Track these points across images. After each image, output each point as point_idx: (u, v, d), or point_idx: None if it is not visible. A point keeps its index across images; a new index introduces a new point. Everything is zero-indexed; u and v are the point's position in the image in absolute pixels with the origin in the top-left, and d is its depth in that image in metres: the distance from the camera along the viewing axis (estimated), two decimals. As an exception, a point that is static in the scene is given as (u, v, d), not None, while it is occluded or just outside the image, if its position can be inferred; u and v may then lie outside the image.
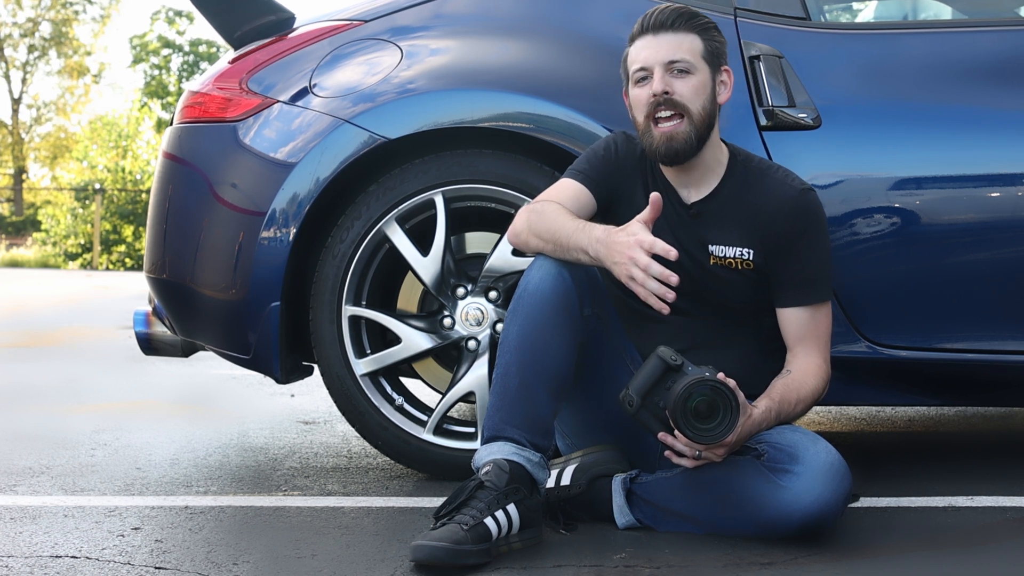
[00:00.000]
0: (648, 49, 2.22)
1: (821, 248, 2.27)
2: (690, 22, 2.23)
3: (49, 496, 2.50)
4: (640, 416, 2.08)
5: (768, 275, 2.26)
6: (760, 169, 2.29)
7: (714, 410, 2.00)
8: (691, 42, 2.22)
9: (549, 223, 2.17)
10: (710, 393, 2.00)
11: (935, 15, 3.23)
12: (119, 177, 21.97)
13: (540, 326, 2.13)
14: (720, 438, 2.01)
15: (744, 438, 2.09)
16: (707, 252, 2.26)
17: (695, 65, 2.22)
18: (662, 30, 2.22)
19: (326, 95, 2.67)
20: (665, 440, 2.10)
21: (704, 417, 2.01)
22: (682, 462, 2.11)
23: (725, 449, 2.08)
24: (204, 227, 2.70)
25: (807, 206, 2.25)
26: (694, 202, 2.28)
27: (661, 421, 2.08)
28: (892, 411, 3.87)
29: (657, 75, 2.20)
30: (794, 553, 2.02)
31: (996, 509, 2.40)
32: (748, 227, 2.25)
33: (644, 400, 2.07)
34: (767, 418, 2.12)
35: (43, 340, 6.45)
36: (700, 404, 2.00)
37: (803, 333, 2.25)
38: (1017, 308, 2.54)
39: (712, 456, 2.09)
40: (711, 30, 2.26)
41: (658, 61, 2.21)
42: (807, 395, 2.20)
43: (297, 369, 2.82)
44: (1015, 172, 2.53)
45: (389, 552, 2.05)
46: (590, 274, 2.20)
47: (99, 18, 35.94)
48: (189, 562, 1.98)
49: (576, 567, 1.96)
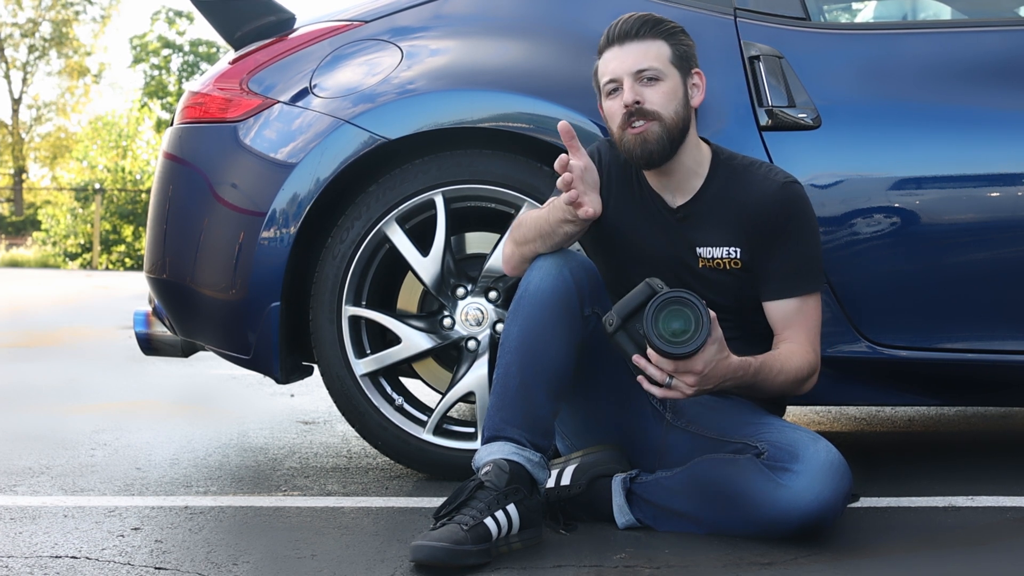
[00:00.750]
0: (616, 60, 2.22)
1: (807, 239, 2.25)
2: (655, 29, 2.22)
3: (49, 496, 2.50)
4: (617, 337, 2.07)
5: (755, 270, 2.25)
6: (743, 166, 2.28)
7: (687, 323, 1.99)
8: (658, 48, 2.22)
9: (529, 224, 2.22)
10: (679, 305, 1.99)
11: (935, 15, 3.23)
12: (119, 177, 21.98)
13: (541, 326, 2.13)
14: (692, 348, 1.98)
15: (718, 377, 2.05)
16: (695, 255, 2.26)
17: (664, 72, 2.21)
18: (627, 40, 2.21)
19: (326, 95, 2.67)
20: (639, 363, 2.05)
21: (677, 332, 1.99)
22: (652, 390, 2.06)
23: (695, 379, 2.02)
24: (204, 227, 2.71)
25: (790, 197, 2.23)
26: (679, 206, 2.27)
27: (638, 345, 2.05)
28: (892, 411, 3.87)
29: (627, 85, 2.20)
30: (794, 553, 2.02)
31: (996, 509, 2.40)
32: (733, 225, 2.25)
33: (624, 322, 2.05)
34: (745, 370, 2.09)
35: (43, 340, 6.45)
36: (674, 315, 1.99)
37: (790, 322, 2.23)
38: (1017, 308, 2.54)
39: (682, 386, 2.03)
40: (678, 34, 2.25)
41: (626, 71, 2.20)
42: (790, 369, 2.18)
43: (297, 369, 2.82)
44: (1015, 172, 2.53)
45: (389, 552, 2.05)
46: (591, 274, 2.20)
47: (99, 18, 36.01)
48: (189, 562, 1.98)
49: (576, 567, 1.96)
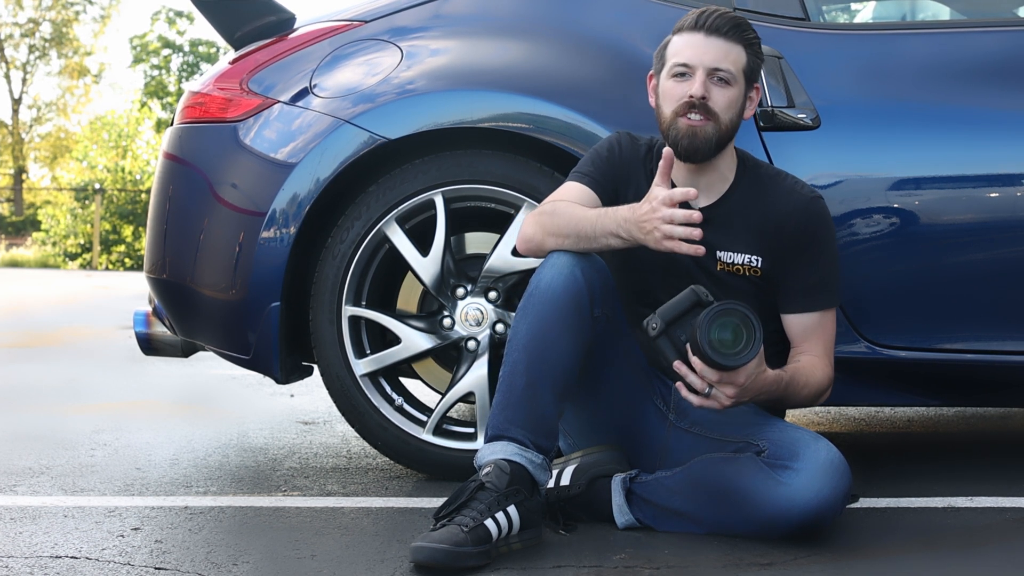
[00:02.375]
0: (696, 48, 2.21)
1: (829, 255, 2.28)
2: (743, 35, 2.22)
3: (49, 496, 2.50)
4: (659, 342, 2.08)
5: (775, 282, 2.26)
6: (769, 176, 2.29)
7: (738, 336, 2.00)
8: (738, 54, 2.22)
9: (566, 219, 2.16)
10: (737, 319, 2.00)
11: (934, 15, 3.23)
12: (119, 177, 21.96)
13: (550, 326, 2.12)
14: (742, 362, 1.99)
15: (755, 391, 2.06)
16: (715, 258, 2.26)
17: (735, 77, 2.21)
18: (716, 34, 2.20)
19: (326, 95, 2.67)
20: (680, 369, 2.06)
21: (728, 344, 2.00)
22: (690, 398, 2.07)
23: (735, 391, 2.03)
24: (204, 227, 2.71)
25: (817, 213, 2.26)
26: (703, 207, 2.25)
27: (679, 351, 2.06)
28: (892, 411, 3.87)
29: (699, 78, 2.19)
30: (794, 553, 2.02)
31: (996, 509, 2.40)
32: (757, 234, 2.25)
33: (668, 327, 2.07)
34: (778, 384, 2.11)
35: (43, 340, 6.45)
36: (726, 326, 1.99)
37: (809, 336, 2.26)
38: (1017, 308, 2.54)
39: (721, 396, 2.04)
40: (756, 46, 2.26)
41: (703, 64, 2.20)
42: (814, 384, 2.20)
43: (297, 369, 2.82)
44: (1015, 172, 2.53)
45: (389, 552, 2.05)
46: (602, 274, 2.19)
47: (99, 18, 35.95)
48: (189, 562, 1.98)
49: (576, 567, 1.96)
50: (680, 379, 2.07)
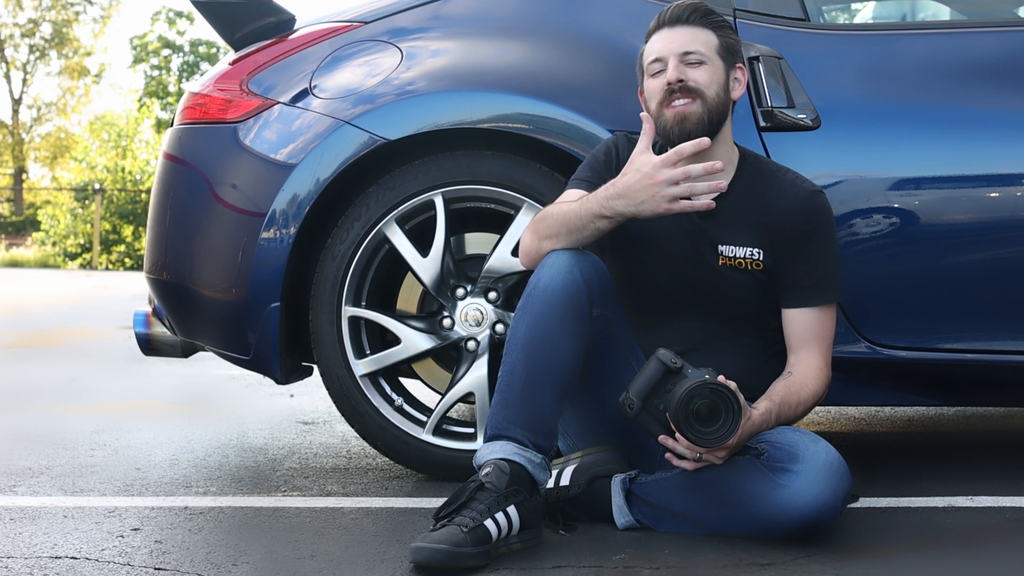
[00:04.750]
0: (663, 41, 2.24)
1: (830, 250, 2.28)
2: (705, 18, 2.25)
3: (49, 497, 2.50)
4: (641, 419, 2.09)
5: (777, 276, 2.26)
6: (770, 171, 2.30)
7: (716, 413, 2.01)
8: (706, 36, 2.24)
9: (555, 218, 2.19)
10: (711, 396, 2.00)
11: (934, 15, 3.23)
12: (119, 177, 21.97)
13: (548, 326, 2.12)
14: (722, 441, 2.02)
15: (744, 439, 2.09)
16: (716, 252, 2.26)
17: (709, 57, 2.23)
18: (677, 24, 2.24)
19: (326, 96, 2.67)
20: (666, 443, 2.10)
21: (706, 420, 2.01)
22: (683, 464, 2.12)
23: (726, 452, 2.08)
24: (204, 228, 2.71)
25: (818, 207, 2.26)
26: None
27: (662, 424, 2.08)
28: (892, 411, 3.87)
29: (672, 64, 2.22)
30: (794, 554, 2.02)
31: (996, 509, 2.40)
32: (758, 228, 2.26)
33: (644, 403, 2.07)
34: (767, 420, 2.13)
35: (43, 340, 6.45)
36: (702, 407, 2.00)
37: (807, 335, 2.26)
38: (1017, 308, 2.54)
39: (713, 459, 2.09)
40: (725, 27, 2.28)
41: (672, 52, 2.22)
42: (807, 397, 2.21)
43: (297, 370, 2.82)
44: (1015, 172, 2.53)
45: (389, 553, 2.05)
46: (601, 274, 2.19)
47: (99, 19, 35.98)
48: (189, 563, 1.98)
49: (575, 568, 1.96)
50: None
